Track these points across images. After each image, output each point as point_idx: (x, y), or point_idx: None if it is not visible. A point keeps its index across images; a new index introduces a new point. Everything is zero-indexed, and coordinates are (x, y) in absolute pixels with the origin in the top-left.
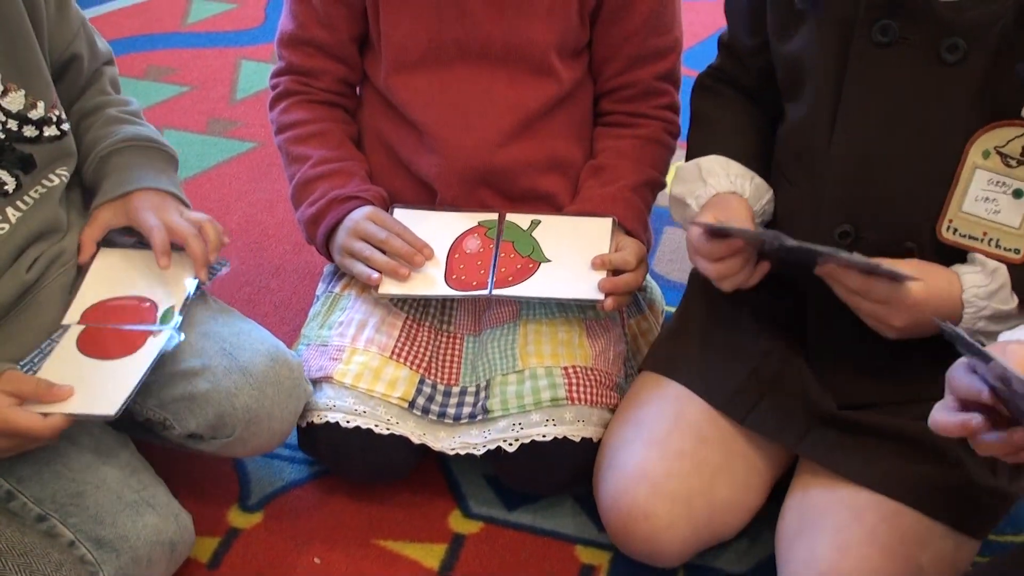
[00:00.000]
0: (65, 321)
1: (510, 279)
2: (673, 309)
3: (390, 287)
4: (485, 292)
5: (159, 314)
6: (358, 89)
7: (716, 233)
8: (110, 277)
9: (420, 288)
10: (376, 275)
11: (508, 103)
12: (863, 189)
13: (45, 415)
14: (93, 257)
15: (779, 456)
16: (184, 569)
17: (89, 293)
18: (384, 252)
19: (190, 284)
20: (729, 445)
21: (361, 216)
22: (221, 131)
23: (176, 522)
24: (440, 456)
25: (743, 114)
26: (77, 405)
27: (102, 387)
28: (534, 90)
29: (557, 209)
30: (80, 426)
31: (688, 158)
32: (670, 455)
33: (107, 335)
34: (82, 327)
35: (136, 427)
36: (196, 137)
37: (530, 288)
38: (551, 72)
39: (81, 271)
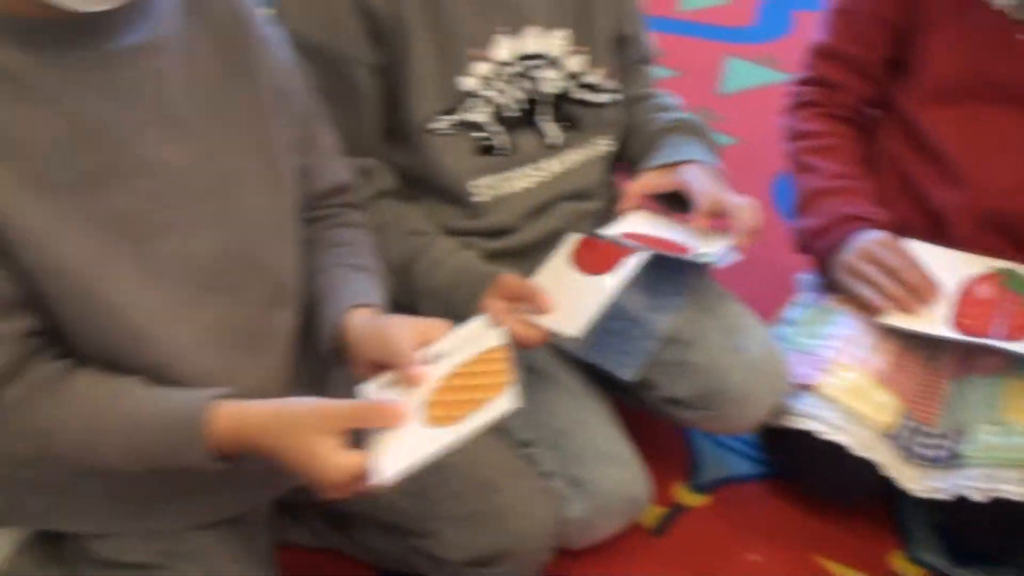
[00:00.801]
0: (605, 232)
1: (1018, 334)
2: None
3: (894, 317)
4: (995, 343)
5: (694, 253)
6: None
7: None
8: (650, 222)
9: (925, 326)
10: (884, 302)
11: None
12: None
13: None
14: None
15: None
16: (632, 532)
17: (629, 224)
18: (893, 281)
19: (723, 242)
20: None
21: (873, 239)
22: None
23: (641, 482)
24: (889, 492)
25: None
26: (552, 320)
27: (574, 305)
28: None
29: None
30: (568, 375)
31: None
32: None
33: (598, 248)
34: (580, 236)
35: (610, 382)
36: None
37: None
38: None
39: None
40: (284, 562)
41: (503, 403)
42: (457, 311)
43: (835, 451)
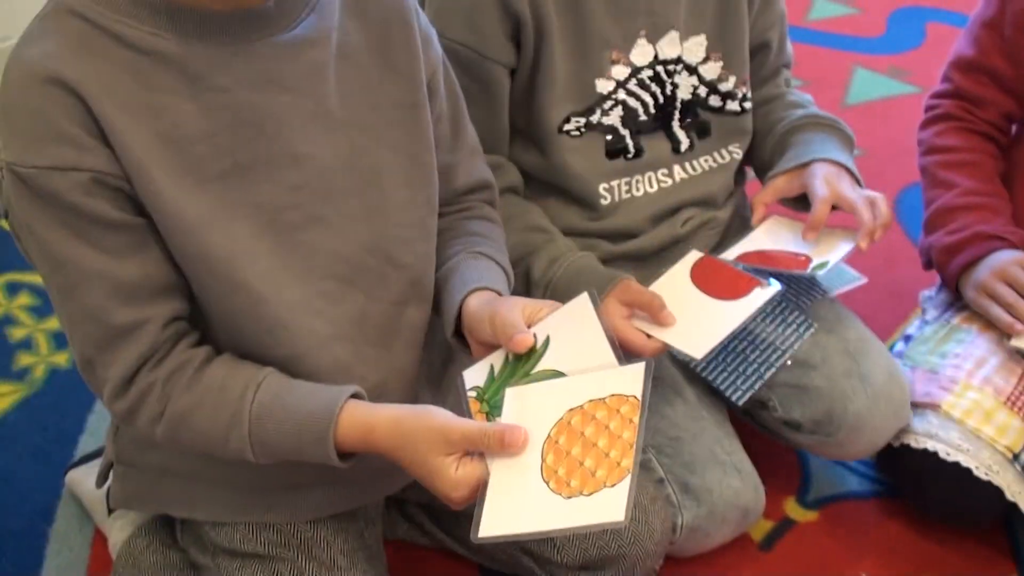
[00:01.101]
0: (723, 256)
1: None
2: None
3: None
4: None
5: (812, 265)
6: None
7: None
8: (774, 233)
9: None
10: (1018, 325)
11: None
12: None
13: (648, 336)
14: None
15: None
16: (738, 541)
17: (751, 243)
18: None
19: (846, 247)
20: None
21: (1011, 259)
22: None
23: (755, 492)
24: (1008, 516)
25: None
26: (673, 337)
27: (699, 326)
28: None
29: None
30: (686, 382)
31: None
32: None
33: (720, 271)
34: (701, 255)
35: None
36: None
37: None
38: None
39: (727, 236)
40: (391, 557)
41: (609, 508)
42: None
43: (957, 473)
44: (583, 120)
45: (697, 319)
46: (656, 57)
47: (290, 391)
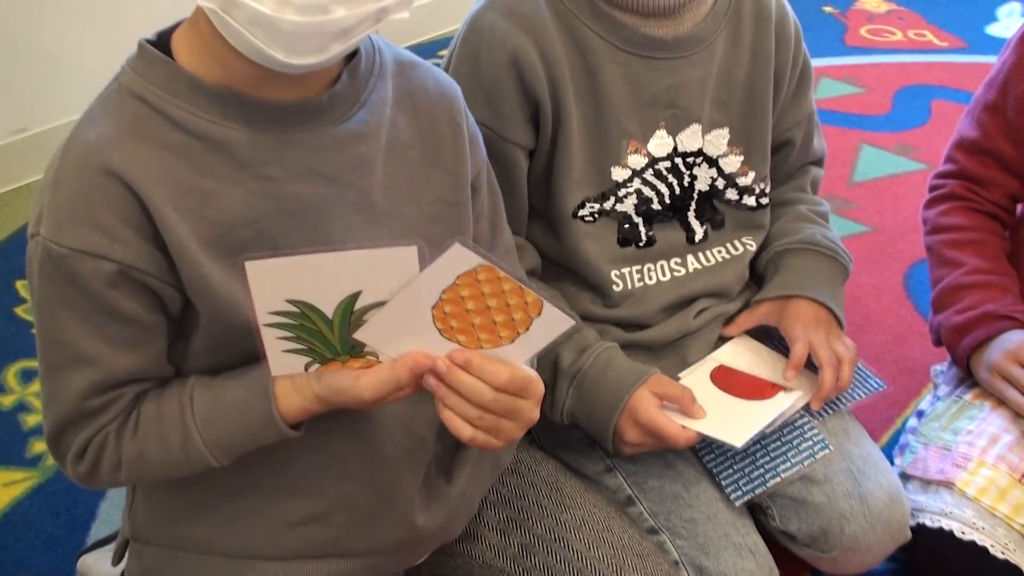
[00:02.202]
0: (695, 365)
1: None
2: None
3: None
4: None
5: (778, 400)
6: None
7: None
8: (745, 354)
9: None
10: None
11: None
12: None
13: (683, 427)
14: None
15: None
16: None
17: (725, 357)
18: None
19: (801, 401)
20: None
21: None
22: (836, 209)
23: (769, 574)
24: None
25: None
26: (709, 427)
27: (732, 419)
28: None
29: None
30: (701, 467)
31: None
32: None
33: (739, 377)
34: (717, 363)
35: None
36: None
37: None
38: None
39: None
40: None
41: (551, 324)
42: (601, 396)
43: (972, 551)
44: (597, 206)
45: (728, 413)
46: (675, 149)
47: (221, 392)
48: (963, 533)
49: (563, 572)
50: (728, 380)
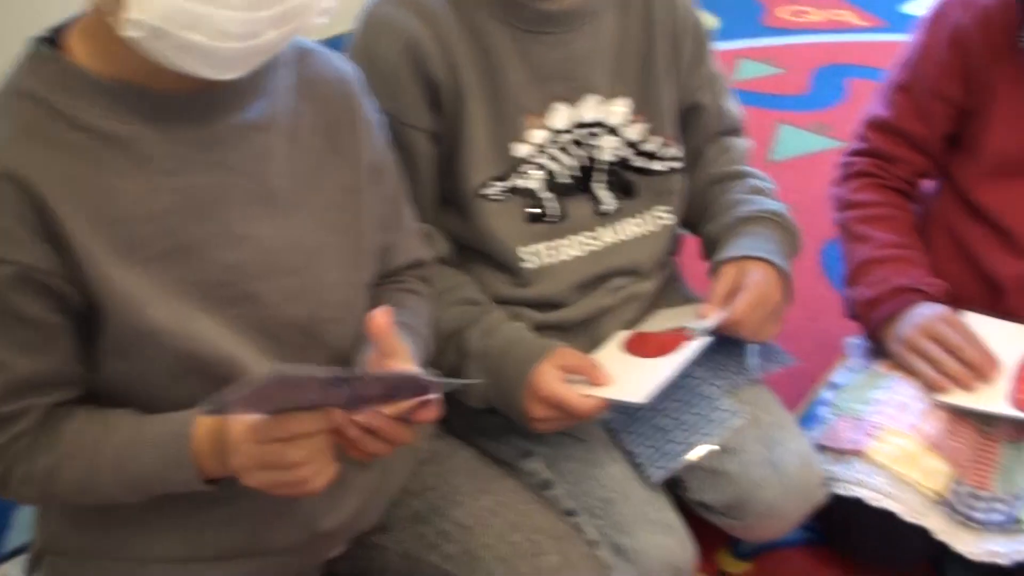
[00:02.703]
0: (610, 343)
1: None
2: None
3: (953, 396)
4: None
5: (695, 333)
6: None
7: None
8: (668, 316)
9: (984, 404)
10: (944, 381)
11: None
12: None
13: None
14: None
15: None
16: None
17: (644, 325)
18: (953, 360)
19: (720, 315)
20: None
21: (935, 316)
22: None
23: (686, 550)
24: (936, 556)
25: None
26: (612, 391)
27: (637, 379)
28: None
29: None
30: (615, 445)
31: None
32: None
33: (652, 339)
34: (631, 332)
35: None
36: None
37: None
38: None
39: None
40: None
41: None
42: (506, 375)
43: (885, 518)
44: (502, 184)
45: (633, 374)
46: (576, 121)
47: (143, 426)
48: (875, 501)
49: (481, 558)
50: (642, 345)
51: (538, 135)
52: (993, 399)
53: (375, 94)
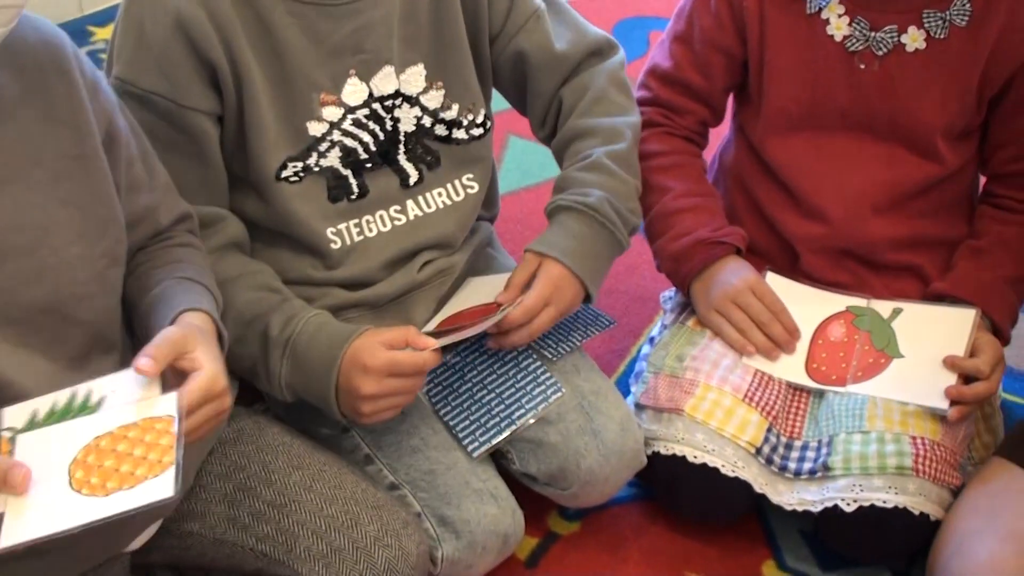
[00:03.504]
0: (424, 329)
1: (860, 374)
2: (1013, 397)
3: (757, 362)
4: (841, 388)
5: (503, 307)
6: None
7: None
8: (467, 297)
9: (781, 371)
10: (750, 347)
11: (885, 180)
12: None
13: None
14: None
15: None
16: (505, 564)
17: (448, 311)
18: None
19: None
20: None
21: (744, 284)
22: None
23: (513, 517)
24: (760, 507)
25: None
26: (440, 341)
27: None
28: (914, 169)
29: (924, 282)
30: (434, 412)
31: None
32: None
33: (464, 314)
34: (439, 320)
35: None
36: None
37: (879, 387)
38: (934, 155)
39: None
40: None
41: (160, 487)
42: (316, 360)
43: (707, 473)
44: (300, 165)
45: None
46: (371, 94)
47: None
48: (695, 457)
49: (297, 535)
50: (456, 322)
51: (332, 112)
52: (791, 369)
53: (146, 75)
